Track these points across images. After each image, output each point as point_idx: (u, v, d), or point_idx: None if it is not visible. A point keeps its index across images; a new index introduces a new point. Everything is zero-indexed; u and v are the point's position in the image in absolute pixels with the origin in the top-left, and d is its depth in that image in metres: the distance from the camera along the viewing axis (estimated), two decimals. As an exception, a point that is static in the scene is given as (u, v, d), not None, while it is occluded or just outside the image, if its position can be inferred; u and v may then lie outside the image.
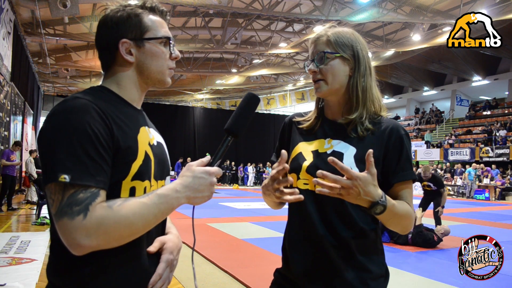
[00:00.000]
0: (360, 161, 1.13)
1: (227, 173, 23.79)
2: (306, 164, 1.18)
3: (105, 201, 0.86)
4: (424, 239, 5.94)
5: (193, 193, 0.93)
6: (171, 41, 1.04)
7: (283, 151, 1.07)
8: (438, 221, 6.78)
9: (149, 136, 1.02)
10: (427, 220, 7.59)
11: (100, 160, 0.86)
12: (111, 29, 1.00)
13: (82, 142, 0.84)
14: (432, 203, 6.96)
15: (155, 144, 1.04)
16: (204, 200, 0.95)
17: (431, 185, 6.84)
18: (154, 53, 1.02)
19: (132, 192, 0.93)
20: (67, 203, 0.82)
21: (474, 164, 18.10)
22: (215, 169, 0.96)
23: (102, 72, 1.06)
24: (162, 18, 1.06)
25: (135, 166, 0.93)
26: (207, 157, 0.98)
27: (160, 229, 1.06)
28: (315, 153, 1.19)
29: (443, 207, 6.80)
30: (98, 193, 0.85)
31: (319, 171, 0.97)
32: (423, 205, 7.08)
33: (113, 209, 0.85)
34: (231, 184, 23.04)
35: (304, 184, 1.17)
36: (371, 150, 0.98)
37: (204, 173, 0.94)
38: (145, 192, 0.96)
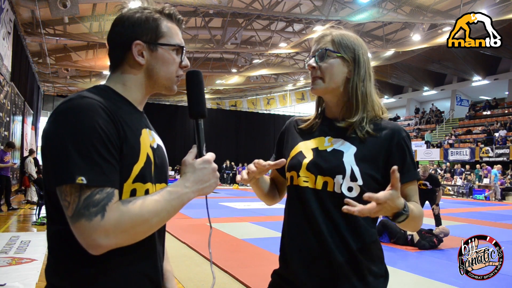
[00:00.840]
0: (360, 160, 1.14)
1: (226, 173, 23.79)
2: (306, 161, 1.18)
3: (119, 200, 0.87)
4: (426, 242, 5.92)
5: (201, 185, 0.95)
6: (183, 50, 1.05)
7: (282, 160, 1.17)
8: (438, 222, 6.77)
9: (150, 139, 1.03)
10: (427, 220, 7.61)
11: (112, 160, 0.87)
12: (127, 29, 1.00)
13: (94, 142, 0.84)
14: (428, 202, 6.98)
15: (156, 146, 1.04)
16: (213, 187, 0.98)
17: (427, 183, 6.86)
18: (166, 59, 1.03)
19: (133, 194, 0.93)
20: (84, 204, 0.82)
21: (498, 166, 17.81)
22: (209, 155, 0.99)
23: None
24: (178, 26, 1.07)
25: (137, 168, 0.93)
26: (194, 148, 1.00)
27: (162, 228, 1.07)
28: (315, 150, 1.20)
29: (437, 205, 6.81)
30: (113, 193, 0.86)
31: (345, 207, 0.97)
32: None
33: (129, 208, 0.86)
34: (231, 184, 23.03)
35: (304, 181, 1.17)
36: (395, 167, 0.98)
37: (203, 163, 0.97)
38: (147, 194, 0.96)
